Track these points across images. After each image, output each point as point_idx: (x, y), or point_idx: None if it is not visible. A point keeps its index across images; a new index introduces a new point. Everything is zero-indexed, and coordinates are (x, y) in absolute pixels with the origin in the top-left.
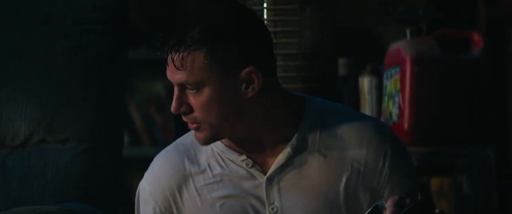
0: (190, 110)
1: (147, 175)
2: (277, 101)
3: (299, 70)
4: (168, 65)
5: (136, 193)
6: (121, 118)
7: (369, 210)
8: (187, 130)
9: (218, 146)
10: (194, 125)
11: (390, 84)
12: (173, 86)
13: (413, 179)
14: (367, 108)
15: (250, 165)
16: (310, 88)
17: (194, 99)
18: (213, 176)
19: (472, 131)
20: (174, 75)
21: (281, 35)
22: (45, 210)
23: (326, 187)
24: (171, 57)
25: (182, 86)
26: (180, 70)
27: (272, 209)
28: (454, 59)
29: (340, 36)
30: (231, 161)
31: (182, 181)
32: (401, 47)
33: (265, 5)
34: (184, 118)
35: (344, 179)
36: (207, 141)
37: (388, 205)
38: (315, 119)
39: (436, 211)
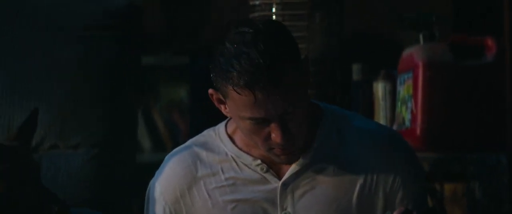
0: None
1: (158, 174)
2: None
3: None
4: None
5: (147, 192)
6: (133, 123)
7: None
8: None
9: (232, 150)
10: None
11: (403, 89)
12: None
13: (423, 186)
14: (381, 114)
15: (264, 169)
16: (319, 94)
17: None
18: (226, 179)
19: (484, 136)
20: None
21: None
22: None
23: (340, 194)
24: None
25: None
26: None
27: None
28: (466, 64)
29: (354, 42)
30: (245, 165)
31: (193, 182)
32: (414, 53)
33: (274, 10)
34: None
35: (357, 187)
36: None
37: None
38: (331, 126)
39: None
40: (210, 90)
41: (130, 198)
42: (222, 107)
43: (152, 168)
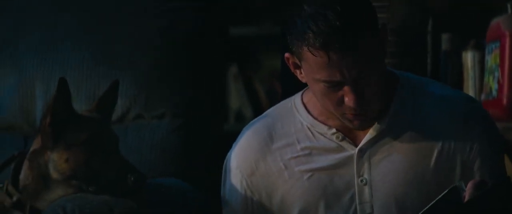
0: None
1: (234, 147)
2: None
3: (389, 46)
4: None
5: (224, 165)
6: (219, 94)
7: (446, 191)
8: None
9: (307, 119)
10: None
11: (491, 59)
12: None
13: (502, 155)
14: (470, 83)
15: (340, 138)
16: (399, 63)
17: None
18: (301, 149)
19: None
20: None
21: None
22: None
23: (417, 161)
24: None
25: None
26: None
27: (361, 181)
28: None
29: (443, 11)
30: (321, 134)
31: (268, 154)
32: (501, 22)
33: None
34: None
35: (435, 154)
36: None
37: (468, 187)
38: (407, 94)
39: None
40: (286, 54)
41: (218, 169)
42: (297, 72)
43: None
